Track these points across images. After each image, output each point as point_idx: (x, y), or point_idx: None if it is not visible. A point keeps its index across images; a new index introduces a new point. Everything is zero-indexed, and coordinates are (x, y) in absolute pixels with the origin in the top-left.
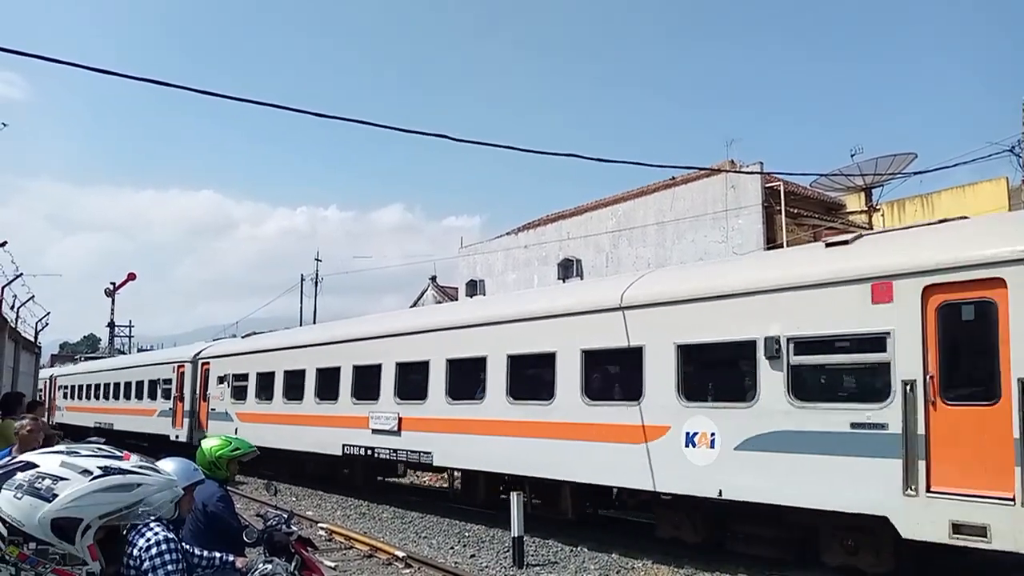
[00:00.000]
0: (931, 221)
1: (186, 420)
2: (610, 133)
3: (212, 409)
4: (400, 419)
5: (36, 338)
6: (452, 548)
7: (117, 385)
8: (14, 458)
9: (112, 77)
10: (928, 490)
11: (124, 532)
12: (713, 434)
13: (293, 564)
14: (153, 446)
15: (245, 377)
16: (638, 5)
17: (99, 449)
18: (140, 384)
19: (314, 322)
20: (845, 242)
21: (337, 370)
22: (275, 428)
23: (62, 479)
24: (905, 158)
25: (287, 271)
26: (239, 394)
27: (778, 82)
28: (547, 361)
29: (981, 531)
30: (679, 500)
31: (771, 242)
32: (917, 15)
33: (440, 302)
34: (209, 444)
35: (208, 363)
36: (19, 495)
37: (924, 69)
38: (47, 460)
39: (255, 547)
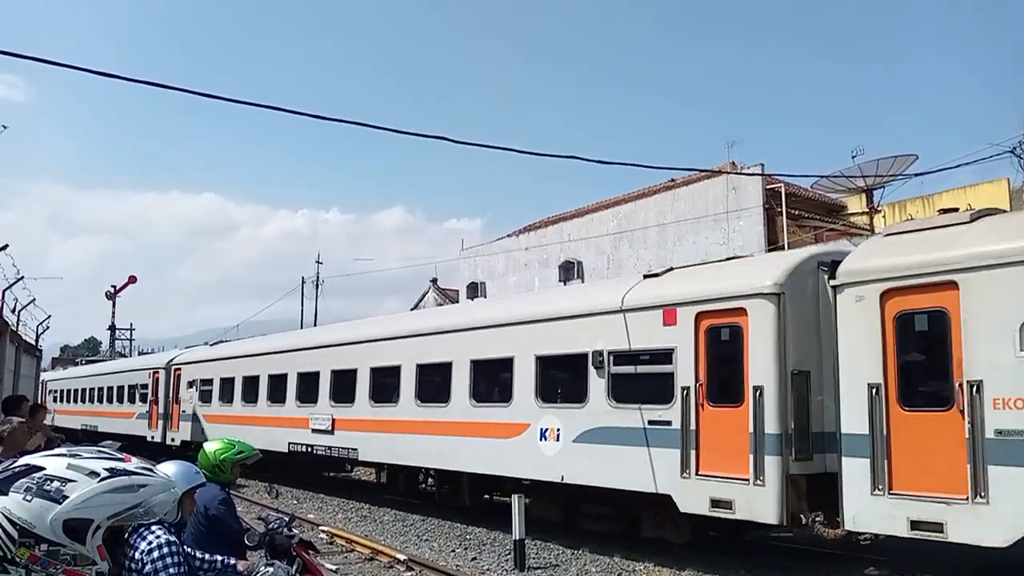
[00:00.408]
0: (728, 257)
1: (160, 422)
2: (611, 134)
3: (183, 411)
4: (334, 420)
5: (37, 341)
6: (453, 551)
7: (101, 390)
8: (14, 461)
9: (112, 79)
10: (697, 473)
11: (126, 534)
12: (559, 429)
13: (295, 567)
14: (132, 446)
15: (210, 382)
16: (638, 5)
17: (101, 452)
18: (121, 389)
19: (315, 324)
20: (657, 275)
21: (285, 376)
22: (235, 428)
23: (70, 481)
24: (906, 159)
25: (288, 273)
26: (205, 397)
27: (779, 83)
28: (446, 369)
29: (728, 505)
30: (538, 484)
31: (772, 243)
32: (917, 15)
33: (441, 304)
34: (212, 447)
35: (179, 369)
36: (29, 497)
37: (925, 70)
38: (53, 463)
39: (257, 550)
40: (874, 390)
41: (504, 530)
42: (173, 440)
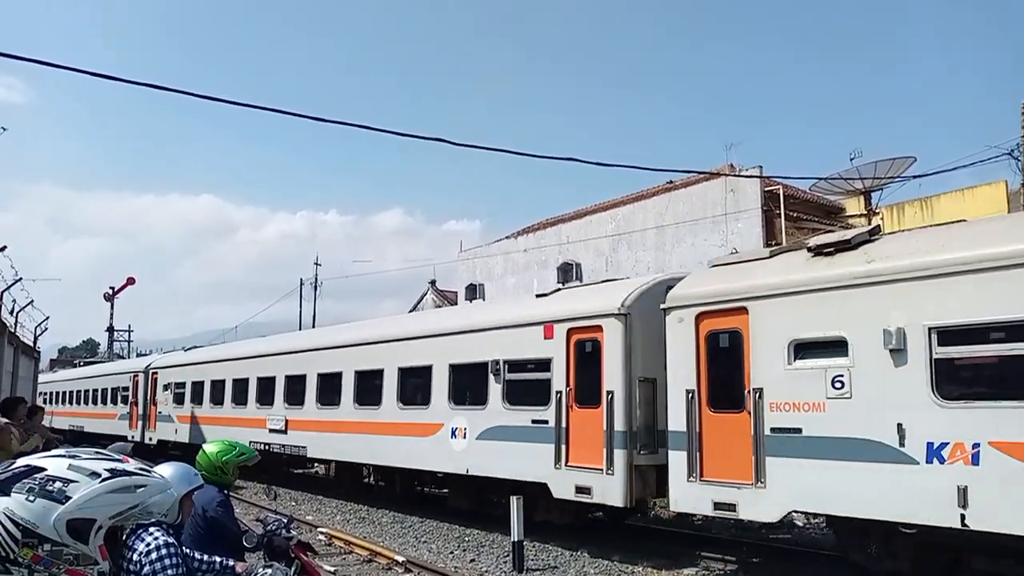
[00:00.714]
0: (604, 280)
1: (140, 422)
2: (610, 136)
3: (159, 412)
4: (287, 421)
5: (35, 343)
6: (452, 552)
7: (87, 392)
8: (12, 462)
9: (112, 81)
10: (566, 464)
11: (123, 535)
12: (466, 428)
13: (293, 568)
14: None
15: (183, 385)
16: (637, 7)
17: (99, 453)
18: (105, 391)
19: (313, 326)
20: (546, 294)
21: (247, 380)
22: (204, 428)
23: (72, 481)
24: (904, 162)
25: (287, 275)
26: (178, 399)
27: (777, 85)
28: (378, 376)
29: (588, 491)
30: (451, 477)
31: (771, 245)
32: (916, 17)
33: (440, 306)
34: (214, 449)
35: (156, 373)
36: (31, 498)
37: (923, 72)
38: (53, 463)
39: (255, 552)
40: (690, 395)
41: (503, 532)
42: (151, 439)
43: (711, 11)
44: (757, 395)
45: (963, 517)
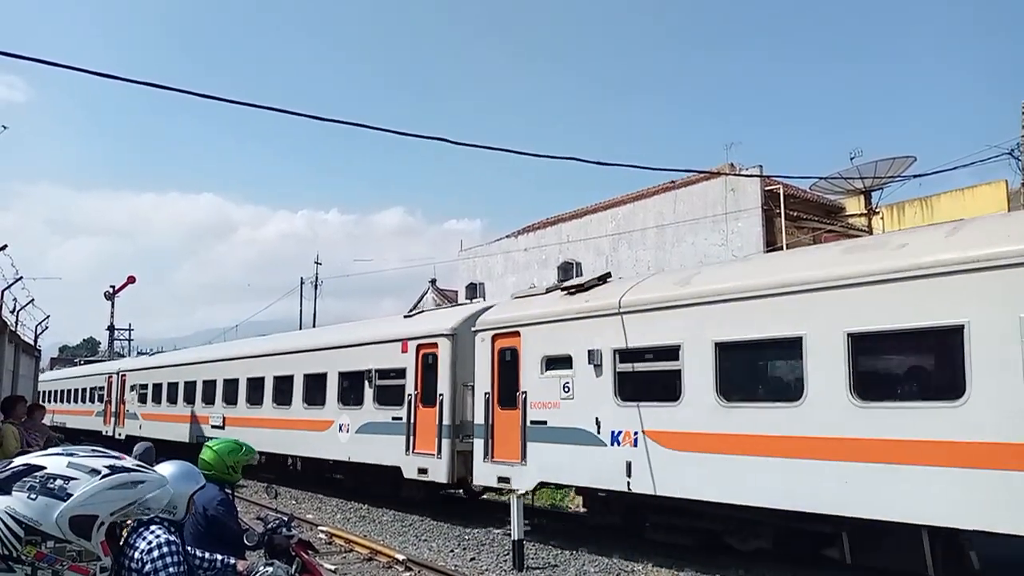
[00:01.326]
0: (453, 304)
1: (112, 419)
2: (610, 137)
3: (127, 410)
4: (224, 418)
5: (36, 341)
6: (452, 551)
7: (69, 391)
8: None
9: (112, 80)
10: (413, 452)
11: (123, 531)
12: (349, 424)
13: (294, 567)
14: (92, 440)
15: (146, 387)
16: (637, 9)
17: (95, 451)
18: (84, 391)
19: (313, 325)
20: (410, 315)
21: (194, 383)
22: (161, 424)
23: (73, 479)
24: (904, 161)
25: (287, 274)
26: (142, 399)
27: (777, 85)
28: (289, 380)
29: (426, 471)
30: (340, 463)
31: (771, 245)
32: (916, 17)
33: (440, 305)
34: (224, 449)
35: (125, 376)
36: (33, 496)
37: (923, 72)
38: (52, 461)
39: (256, 550)
40: (487, 396)
41: (503, 530)
42: (120, 434)
43: (710, 13)
44: (524, 396)
45: (629, 484)
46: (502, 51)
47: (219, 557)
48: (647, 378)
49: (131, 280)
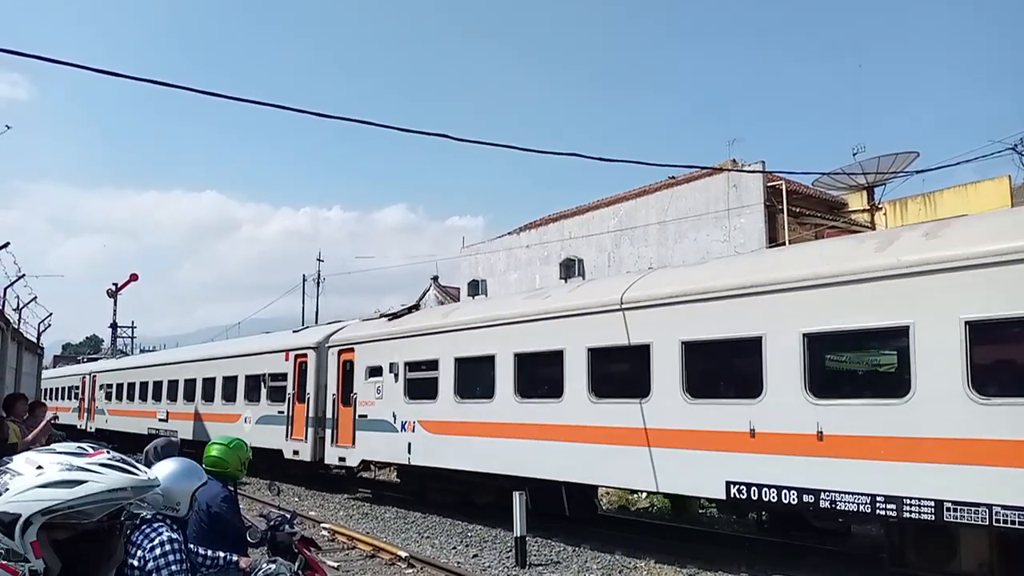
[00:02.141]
0: (330, 322)
1: (85, 414)
2: (612, 134)
3: (97, 407)
4: (168, 412)
5: (39, 339)
6: (455, 548)
7: (53, 389)
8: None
9: (115, 79)
10: (291, 438)
11: (123, 531)
12: (251, 416)
13: (296, 564)
14: (70, 434)
15: (111, 386)
16: (638, 5)
17: (80, 447)
18: (64, 389)
19: (316, 322)
20: (298, 331)
21: (148, 383)
22: (124, 419)
23: (19, 474)
24: (907, 157)
25: (290, 271)
26: (108, 397)
27: (780, 82)
28: (212, 383)
29: (298, 452)
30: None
31: (773, 241)
32: (919, 13)
33: (442, 302)
34: (233, 443)
35: (96, 376)
36: None
37: (926, 67)
38: (20, 457)
39: (258, 547)
40: (334, 396)
41: (505, 527)
42: (91, 427)
43: (713, 10)
44: (355, 397)
45: (409, 459)
46: (503, 49)
47: (222, 554)
48: (422, 383)
49: (134, 278)
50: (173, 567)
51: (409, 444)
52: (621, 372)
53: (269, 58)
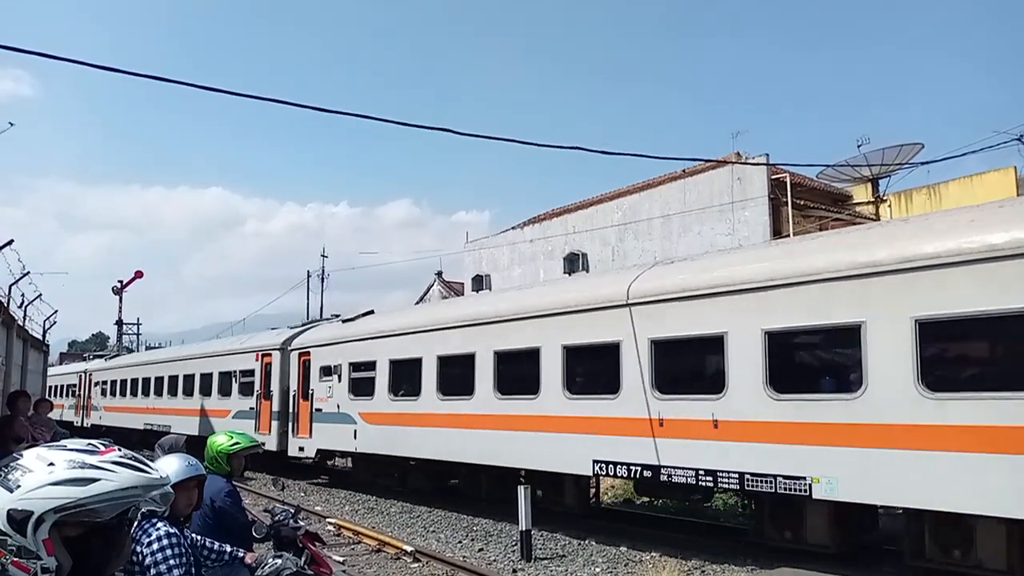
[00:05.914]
0: (308, 322)
1: (82, 410)
2: (616, 128)
3: (92, 404)
4: (156, 408)
5: (44, 336)
6: (460, 542)
7: (53, 387)
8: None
9: (119, 75)
10: (259, 431)
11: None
12: (230, 410)
13: (302, 559)
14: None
15: (106, 383)
16: None
17: (90, 444)
18: (61, 387)
19: (320, 317)
20: (274, 330)
21: (138, 380)
22: (120, 415)
23: (30, 471)
24: (912, 148)
25: (296, 267)
26: (103, 393)
27: (784, 74)
28: (176, 379)
29: (264, 444)
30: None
31: (778, 233)
32: (922, 4)
33: (446, 297)
34: (215, 440)
35: (92, 374)
36: None
37: (931, 59)
38: (31, 453)
39: (264, 542)
40: (294, 393)
41: (510, 521)
42: (87, 423)
43: (716, 1)
44: (312, 393)
45: (356, 447)
46: (507, 42)
47: (227, 548)
48: (363, 381)
49: (138, 275)
50: (171, 561)
51: (355, 432)
52: (460, 375)
53: (273, 54)
